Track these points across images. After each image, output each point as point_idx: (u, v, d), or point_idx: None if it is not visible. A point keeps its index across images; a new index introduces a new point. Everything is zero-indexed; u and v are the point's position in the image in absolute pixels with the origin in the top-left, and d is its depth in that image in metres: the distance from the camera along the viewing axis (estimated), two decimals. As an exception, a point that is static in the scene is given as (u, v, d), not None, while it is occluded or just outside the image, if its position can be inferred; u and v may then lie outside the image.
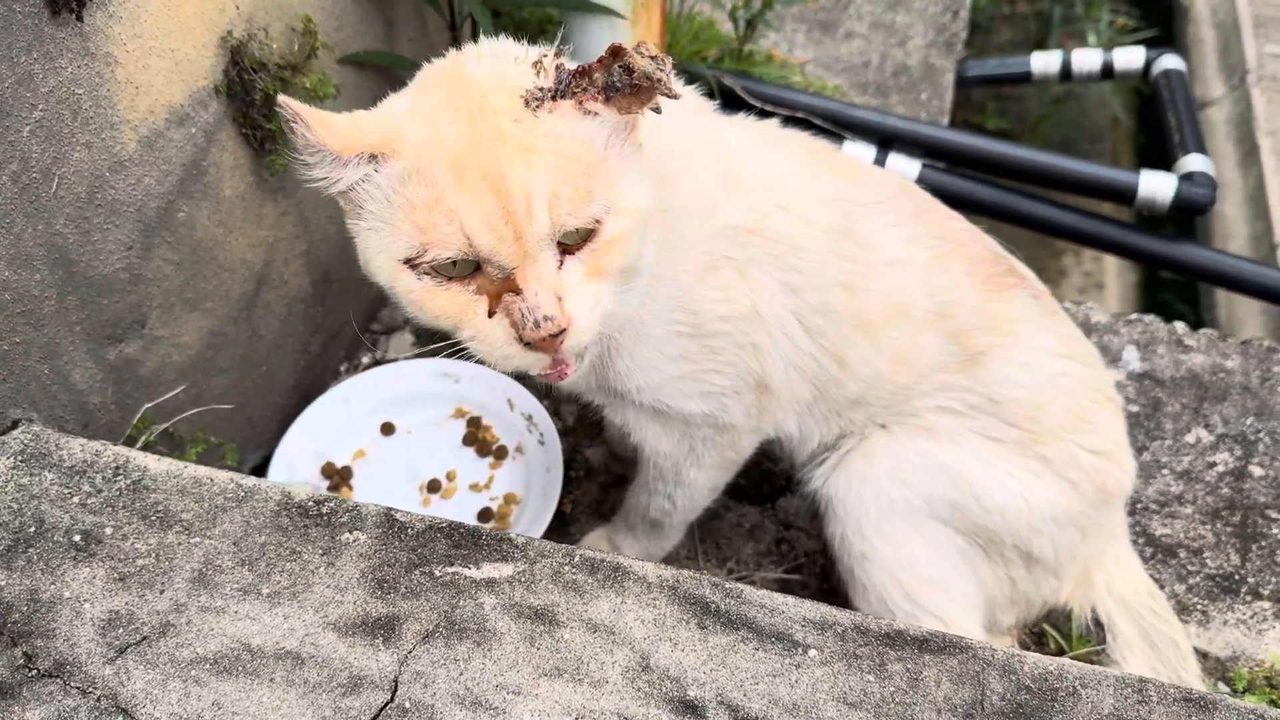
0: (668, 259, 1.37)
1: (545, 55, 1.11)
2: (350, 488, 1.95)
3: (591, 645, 1.17)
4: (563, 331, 1.08)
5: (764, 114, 2.56)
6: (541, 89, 1.07)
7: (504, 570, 1.23)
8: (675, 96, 1.06)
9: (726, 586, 1.23)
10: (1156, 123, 2.78)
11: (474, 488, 1.96)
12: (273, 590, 1.22)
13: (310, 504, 1.30)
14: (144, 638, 1.18)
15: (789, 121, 2.55)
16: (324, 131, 1.09)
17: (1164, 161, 2.61)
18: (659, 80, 1.03)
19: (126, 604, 1.21)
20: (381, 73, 2.04)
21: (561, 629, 1.18)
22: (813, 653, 1.17)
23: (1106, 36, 4.21)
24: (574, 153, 1.07)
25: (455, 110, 1.08)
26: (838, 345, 1.51)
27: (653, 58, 1.03)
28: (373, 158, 1.10)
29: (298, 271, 1.93)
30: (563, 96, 1.07)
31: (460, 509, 1.92)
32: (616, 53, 1.03)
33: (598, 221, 1.10)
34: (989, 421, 1.56)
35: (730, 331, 1.45)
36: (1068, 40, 4.39)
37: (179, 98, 1.55)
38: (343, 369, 2.17)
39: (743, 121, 1.55)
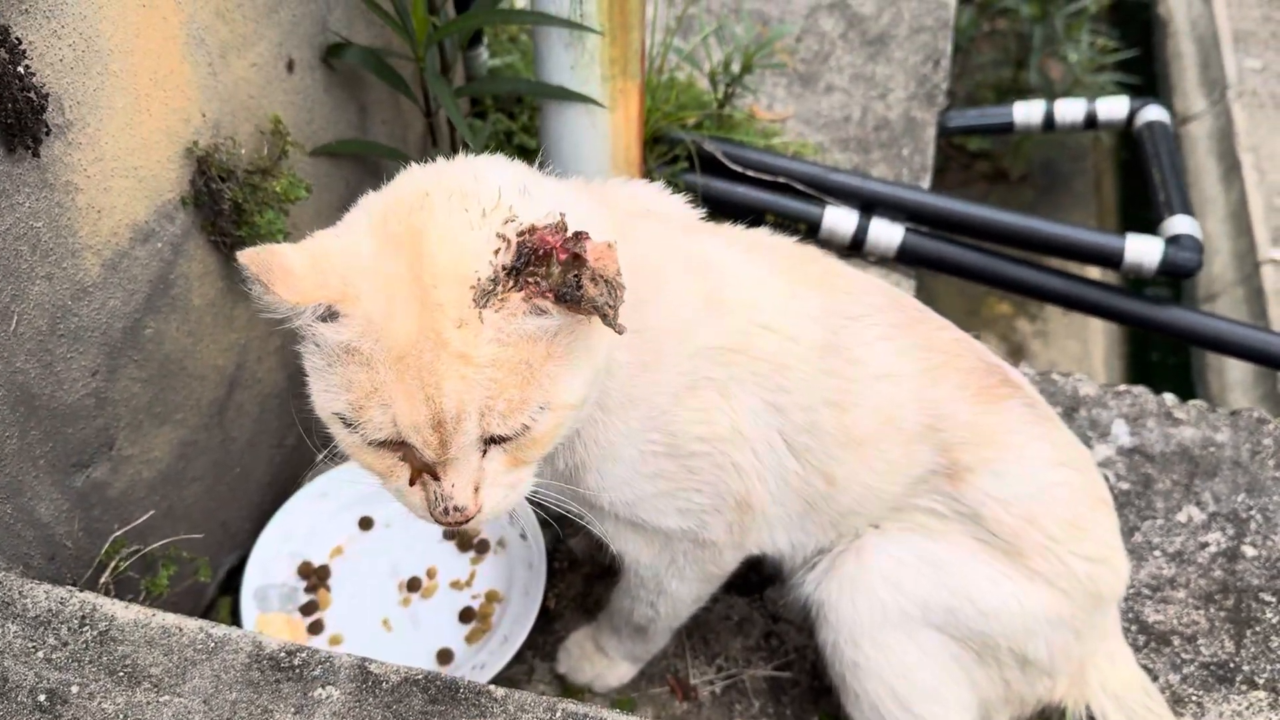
0: (643, 380, 1.33)
1: (511, 220, 1.07)
2: (328, 588, 1.91)
3: (575, 813, 1.13)
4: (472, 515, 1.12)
5: (745, 179, 2.54)
6: (494, 280, 1.03)
7: (484, 728, 1.20)
8: (619, 332, 1.03)
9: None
10: (1139, 142, 2.77)
11: (455, 585, 1.92)
12: (244, 755, 1.18)
13: (282, 655, 1.26)
14: (110, 812, 1.14)
15: (771, 187, 2.54)
16: (282, 287, 1.06)
17: (1147, 211, 2.59)
18: (606, 314, 1.01)
19: (92, 774, 1.17)
20: (355, 159, 2.00)
21: (544, 795, 1.15)
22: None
23: (1087, 56, 4.18)
24: (514, 360, 1.06)
25: (407, 298, 1.05)
26: (825, 464, 1.47)
27: (608, 285, 1.00)
28: (328, 310, 1.07)
29: (271, 368, 1.89)
30: (516, 280, 1.03)
31: (441, 609, 1.89)
32: (577, 258, 1.00)
33: (527, 426, 1.10)
34: (978, 529, 1.54)
35: (709, 452, 1.42)
36: (1048, 60, 4.37)
37: (143, 215, 1.51)
38: (319, 458, 2.13)
39: (726, 233, 1.51)
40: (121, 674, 1.24)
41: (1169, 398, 2.24)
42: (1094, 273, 2.67)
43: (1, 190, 1.27)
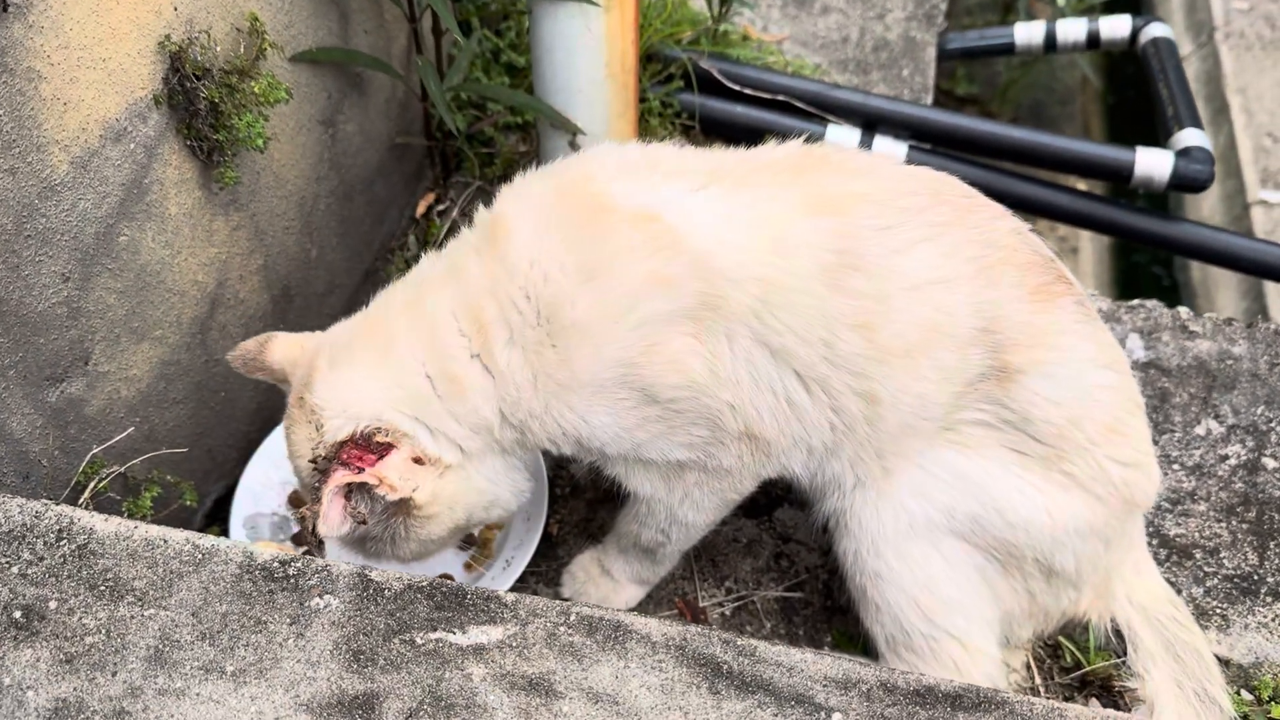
0: (584, 366, 1.34)
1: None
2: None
3: (593, 718, 1.06)
4: None
5: (743, 98, 2.45)
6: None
7: (493, 634, 1.12)
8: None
9: (739, 644, 1.12)
10: (1126, 82, 2.69)
11: (453, 511, 1.84)
12: (238, 667, 1.10)
13: (275, 565, 1.18)
14: (96, 729, 1.06)
15: (770, 106, 2.45)
16: None
17: (1142, 126, 2.52)
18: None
19: (75, 690, 1.09)
20: (336, 69, 1.90)
21: (559, 700, 1.07)
22: (837, 716, 1.07)
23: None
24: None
25: None
26: (860, 385, 1.39)
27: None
28: None
29: (255, 288, 1.80)
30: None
31: (440, 535, 1.81)
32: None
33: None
34: (1019, 437, 1.46)
35: (691, 396, 1.36)
36: (1034, 3, 4.28)
37: (114, 111, 1.41)
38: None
39: (715, 168, 1.42)
40: (103, 588, 1.16)
41: (1184, 311, 2.18)
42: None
43: (-43, 72, 1.17)
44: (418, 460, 1.38)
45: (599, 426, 1.38)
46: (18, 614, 1.14)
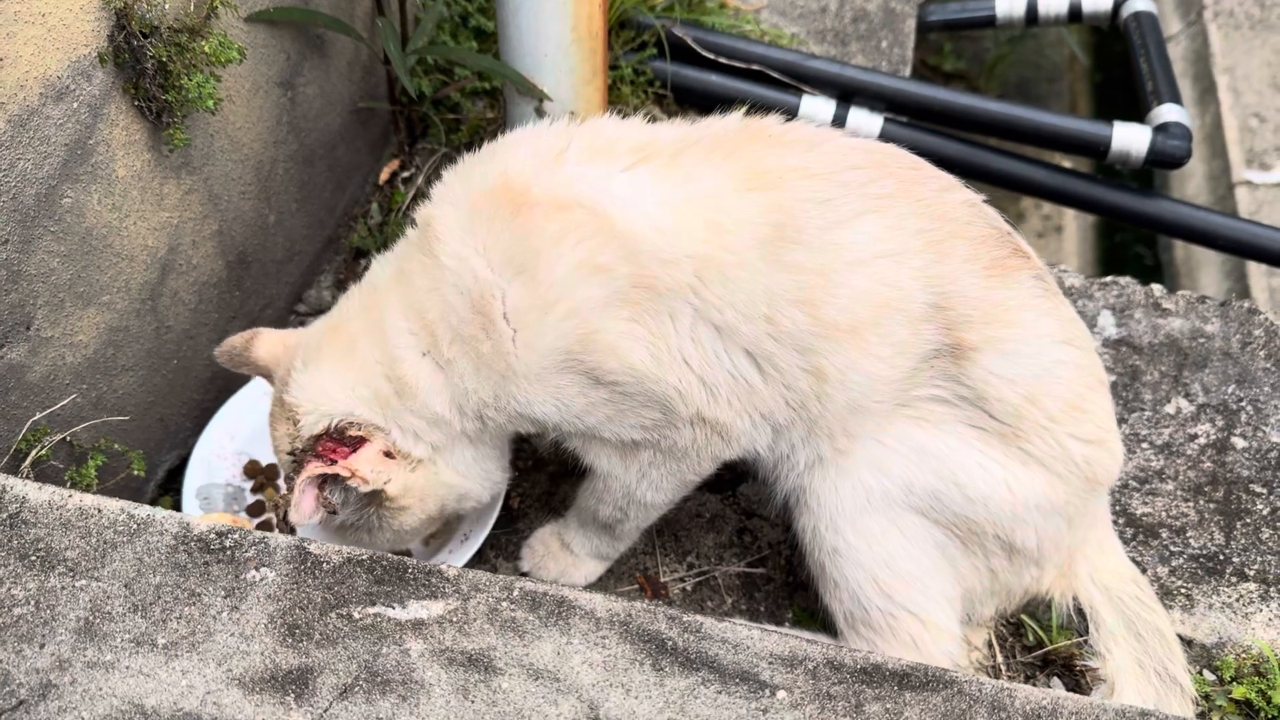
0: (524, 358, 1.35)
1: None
2: (276, 488, 1.80)
3: (533, 696, 1.04)
4: None
5: (717, 66, 2.41)
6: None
7: (433, 609, 1.09)
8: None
9: (684, 620, 1.10)
10: (1114, 60, 2.66)
11: (412, 484, 1.81)
12: (169, 640, 1.07)
13: (212, 537, 1.15)
14: (21, 702, 1.03)
15: (744, 75, 2.41)
16: None
17: (1129, 104, 2.49)
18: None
19: (0, 662, 1.05)
20: (296, 29, 1.85)
21: (499, 677, 1.05)
22: (781, 694, 1.04)
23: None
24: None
25: None
26: (807, 361, 1.36)
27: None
28: None
29: (209, 254, 1.76)
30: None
31: (397, 508, 1.78)
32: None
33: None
34: (977, 414, 1.44)
35: (633, 380, 1.35)
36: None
37: (55, 69, 1.37)
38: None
39: (653, 145, 1.40)
40: (34, 558, 1.13)
41: (1157, 288, 2.15)
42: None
43: (-118, 23, 1.13)
44: (389, 454, 1.41)
45: (545, 412, 1.39)
46: (-56, 584, 1.11)
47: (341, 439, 1.39)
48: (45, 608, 1.10)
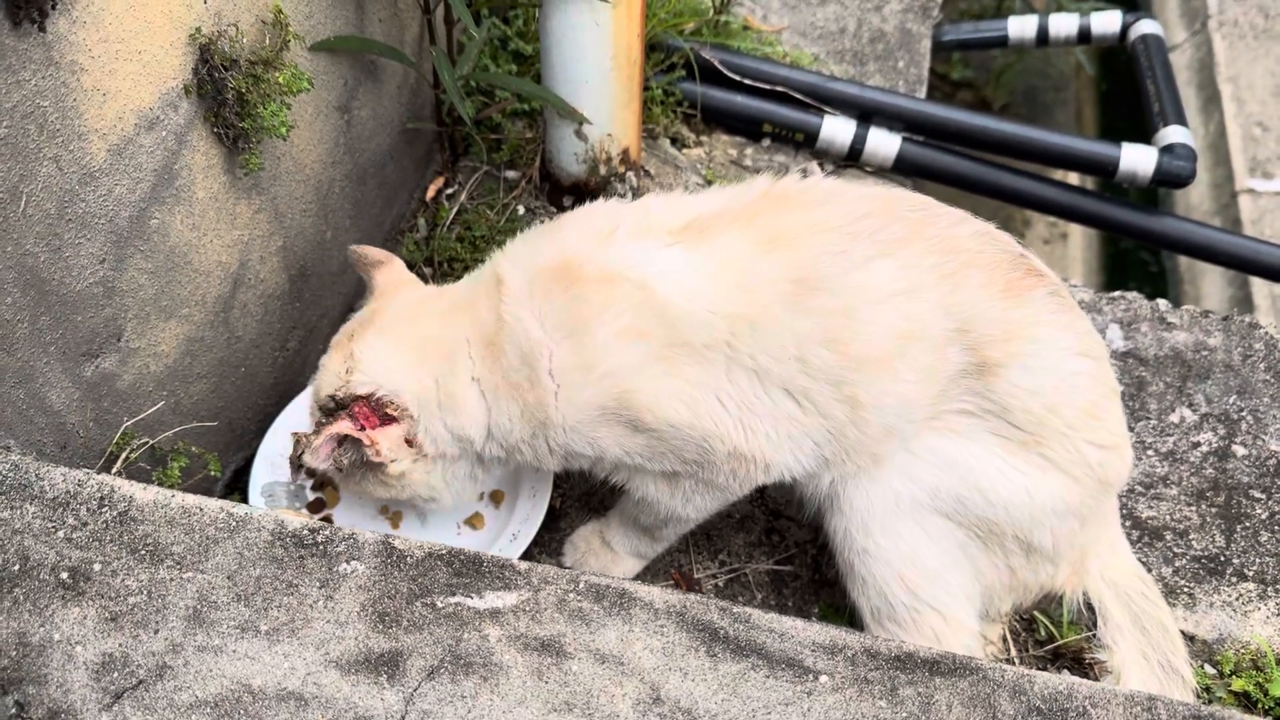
0: (567, 412, 1.52)
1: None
2: (335, 487, 1.91)
3: (600, 677, 1.15)
4: None
5: (743, 88, 2.52)
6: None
7: (508, 599, 1.21)
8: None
9: (734, 611, 1.21)
10: (1119, 70, 2.77)
11: (462, 485, 1.93)
12: (271, 626, 1.19)
13: (305, 533, 1.27)
14: (140, 681, 1.15)
15: (768, 96, 2.52)
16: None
17: (1134, 113, 2.60)
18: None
19: (120, 645, 1.17)
20: (352, 57, 1.97)
21: (569, 660, 1.17)
22: (824, 679, 1.16)
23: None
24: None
25: None
26: (842, 391, 1.49)
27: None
28: None
29: (274, 269, 1.88)
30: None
31: (449, 508, 1.89)
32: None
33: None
34: (1001, 424, 1.56)
35: (672, 429, 1.50)
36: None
37: (148, 101, 1.48)
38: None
39: (672, 218, 1.55)
40: (143, 552, 1.25)
41: (1162, 303, 2.27)
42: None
43: (7, 66, 1.24)
44: (408, 441, 1.56)
45: (582, 456, 1.57)
46: (65, 575, 1.23)
47: (377, 409, 1.54)
48: (157, 597, 1.21)
